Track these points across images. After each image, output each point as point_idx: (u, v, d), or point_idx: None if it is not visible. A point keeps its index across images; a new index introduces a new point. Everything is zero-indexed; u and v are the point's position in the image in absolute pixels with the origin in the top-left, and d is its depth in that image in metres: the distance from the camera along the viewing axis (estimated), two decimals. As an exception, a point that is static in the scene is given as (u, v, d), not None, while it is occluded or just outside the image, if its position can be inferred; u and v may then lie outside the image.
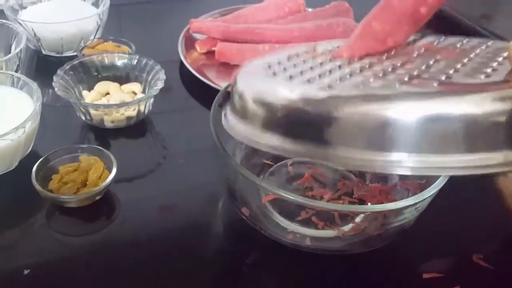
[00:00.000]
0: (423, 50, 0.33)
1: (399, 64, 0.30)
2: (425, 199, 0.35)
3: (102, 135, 0.52)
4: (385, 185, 0.44)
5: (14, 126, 0.42)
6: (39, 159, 0.44)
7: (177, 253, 0.41)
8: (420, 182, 0.41)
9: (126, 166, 0.46)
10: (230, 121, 0.34)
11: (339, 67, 0.31)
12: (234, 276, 0.40)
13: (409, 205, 0.34)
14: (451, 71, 0.29)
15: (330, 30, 0.64)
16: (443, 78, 0.28)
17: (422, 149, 0.26)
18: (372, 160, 0.27)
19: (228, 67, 0.63)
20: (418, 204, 0.35)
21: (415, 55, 0.32)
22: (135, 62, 0.56)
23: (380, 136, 0.26)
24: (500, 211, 0.45)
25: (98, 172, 0.43)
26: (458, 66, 0.30)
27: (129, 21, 0.77)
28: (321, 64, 0.32)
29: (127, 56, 0.57)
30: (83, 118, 0.52)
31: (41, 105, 0.45)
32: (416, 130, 0.26)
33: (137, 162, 0.49)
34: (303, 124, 0.28)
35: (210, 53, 0.65)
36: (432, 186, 0.35)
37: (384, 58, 0.32)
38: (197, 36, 0.68)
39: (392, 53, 0.33)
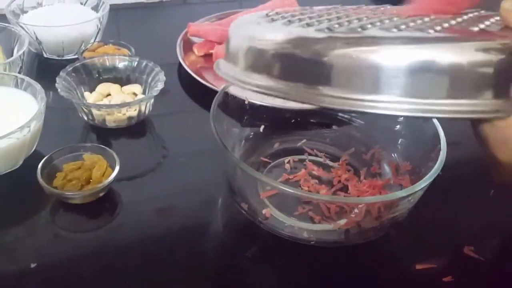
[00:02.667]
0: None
1: (396, 18, 0.32)
2: (417, 191, 0.36)
3: (103, 135, 0.53)
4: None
5: (19, 125, 0.43)
6: (42, 158, 0.45)
7: (178, 247, 0.42)
8: (412, 177, 0.43)
9: (128, 165, 0.47)
10: (221, 66, 0.34)
11: (337, 18, 0.32)
12: (234, 269, 0.41)
13: (402, 196, 0.36)
14: (445, 24, 0.30)
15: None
16: (437, 28, 0.29)
17: (410, 93, 0.27)
18: (362, 99, 0.28)
19: (226, 69, 0.65)
20: (410, 196, 0.36)
21: (410, 17, 0.33)
22: (135, 64, 0.57)
23: (371, 78, 0.27)
24: (491, 204, 0.47)
25: (102, 169, 0.45)
26: (452, 22, 0.31)
27: (128, 25, 0.78)
28: (318, 16, 0.33)
29: (127, 58, 0.58)
30: (85, 118, 0.53)
31: (45, 105, 0.47)
32: (405, 73, 0.27)
33: (138, 161, 0.51)
34: (295, 65, 0.29)
35: (207, 56, 0.67)
36: (423, 179, 0.37)
37: (375, 14, 0.33)
38: (194, 39, 0.70)
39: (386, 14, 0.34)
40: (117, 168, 0.45)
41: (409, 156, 0.45)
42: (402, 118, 0.47)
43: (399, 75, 0.27)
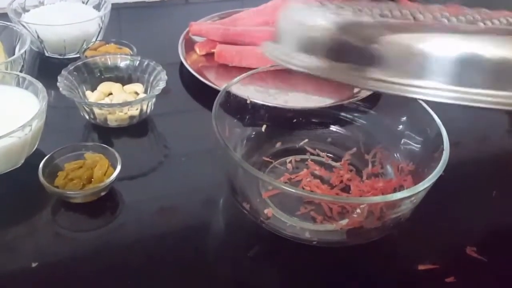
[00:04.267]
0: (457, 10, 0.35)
1: (440, 12, 0.32)
2: (419, 191, 0.36)
3: (105, 134, 0.53)
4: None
5: (20, 124, 0.43)
6: (44, 157, 0.45)
7: (180, 247, 0.42)
8: (415, 178, 0.42)
9: (129, 164, 0.47)
10: (269, 47, 0.36)
11: (388, 8, 0.33)
12: (236, 269, 0.41)
13: (405, 197, 0.36)
14: (495, 21, 0.31)
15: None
16: (487, 22, 0.30)
17: (456, 81, 0.28)
18: (408, 84, 0.28)
19: (227, 69, 0.65)
20: (413, 196, 0.36)
21: (450, 11, 0.34)
22: (137, 63, 0.57)
23: (418, 64, 0.28)
24: (494, 205, 0.47)
25: (103, 168, 0.44)
26: (502, 20, 0.32)
27: (129, 24, 0.78)
28: (370, 6, 0.34)
29: (129, 57, 0.58)
30: (87, 117, 0.53)
31: (46, 104, 0.47)
32: (453, 62, 0.28)
33: (140, 160, 0.51)
34: (344, 47, 0.30)
35: (209, 55, 0.67)
36: (426, 180, 0.36)
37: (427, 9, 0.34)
38: (196, 38, 0.70)
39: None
40: (118, 167, 0.44)
41: (412, 156, 0.45)
42: (405, 118, 0.47)
43: (446, 63, 0.28)
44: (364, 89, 0.29)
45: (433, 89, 0.28)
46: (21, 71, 0.56)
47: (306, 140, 0.51)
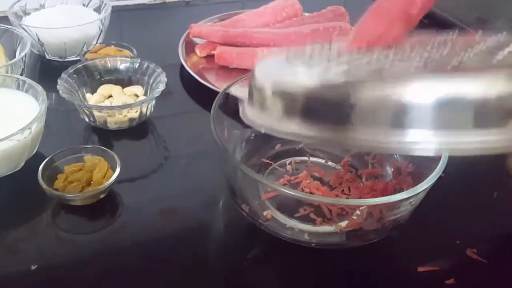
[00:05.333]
0: (426, 42, 0.34)
1: (408, 54, 0.32)
2: (418, 193, 0.36)
3: (105, 137, 0.53)
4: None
5: (20, 127, 0.43)
6: (44, 160, 0.45)
7: (179, 249, 0.42)
8: (414, 179, 0.42)
9: (129, 167, 0.47)
10: (248, 112, 0.35)
11: (355, 58, 0.32)
12: (235, 271, 0.41)
13: (404, 198, 0.36)
14: (463, 57, 0.30)
15: (326, 33, 0.66)
16: (455, 62, 0.29)
17: (439, 128, 0.27)
18: (391, 141, 0.28)
19: (228, 71, 0.65)
20: (412, 198, 0.36)
21: (419, 47, 0.33)
22: (137, 65, 0.57)
23: (398, 117, 0.27)
24: (494, 206, 0.47)
25: (103, 171, 0.45)
26: (468, 52, 0.31)
27: (130, 26, 0.78)
28: (338, 55, 0.34)
29: (129, 60, 0.58)
30: (87, 120, 0.53)
31: (46, 107, 0.47)
32: (432, 110, 0.27)
33: (140, 163, 0.51)
34: (322, 109, 0.29)
35: (209, 57, 0.67)
36: (425, 181, 0.36)
37: (391, 52, 0.33)
38: (196, 40, 0.70)
39: (394, 49, 0.34)
40: (118, 170, 0.45)
41: (411, 157, 0.45)
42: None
43: (426, 110, 0.27)
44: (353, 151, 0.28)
45: (418, 142, 0.27)
46: (21, 74, 0.56)
47: (306, 141, 0.51)
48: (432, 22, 0.34)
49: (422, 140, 0.27)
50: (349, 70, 0.30)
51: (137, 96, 0.56)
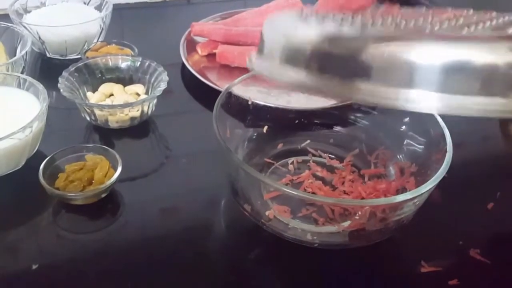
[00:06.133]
0: (438, 13, 0.34)
1: (421, 22, 0.32)
2: (422, 193, 0.36)
3: (106, 136, 0.53)
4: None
5: (21, 126, 0.43)
6: (45, 158, 0.45)
7: (181, 249, 0.41)
8: (418, 179, 0.42)
9: (130, 166, 0.47)
10: (254, 59, 0.35)
11: (369, 20, 0.32)
12: (237, 271, 0.41)
13: (408, 199, 0.35)
14: (479, 26, 0.30)
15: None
16: (471, 28, 0.29)
17: (443, 90, 0.27)
18: (396, 95, 0.28)
19: (229, 69, 0.65)
20: (416, 198, 0.36)
21: (431, 17, 0.33)
22: (138, 64, 0.57)
23: (407, 75, 0.28)
24: (497, 206, 0.46)
25: (104, 170, 0.44)
26: (480, 25, 0.31)
27: (131, 24, 0.78)
28: (352, 17, 0.34)
29: (130, 58, 0.58)
30: (88, 118, 0.53)
31: (47, 105, 0.46)
32: (439, 71, 0.27)
33: (141, 162, 0.50)
34: (328, 61, 0.29)
35: (211, 56, 0.67)
36: (429, 181, 0.36)
37: (405, 19, 0.33)
38: (198, 39, 0.69)
39: (408, 16, 0.34)
40: (119, 169, 0.44)
41: (415, 158, 0.45)
42: (408, 119, 0.46)
43: (432, 72, 0.27)
44: (353, 101, 0.28)
45: (422, 99, 0.28)
46: (22, 73, 0.56)
47: (308, 141, 0.51)
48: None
49: (427, 98, 0.28)
50: (363, 27, 0.30)
51: (138, 95, 0.56)
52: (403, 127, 0.47)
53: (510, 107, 0.27)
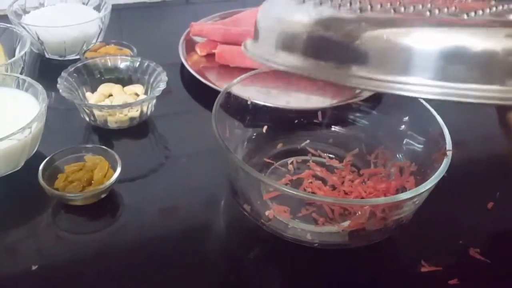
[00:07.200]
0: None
1: (419, 7, 0.31)
2: (422, 192, 0.36)
3: (105, 136, 0.53)
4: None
5: (20, 126, 0.43)
6: (44, 159, 0.45)
7: (180, 250, 0.41)
8: (417, 178, 0.42)
9: (130, 166, 0.47)
10: (249, 46, 0.35)
11: (367, 4, 0.32)
12: (237, 271, 0.41)
13: (407, 198, 0.35)
14: (479, 12, 0.30)
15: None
16: (471, 14, 0.29)
17: (441, 76, 0.27)
18: (392, 81, 0.28)
19: (228, 69, 0.65)
20: (416, 198, 0.36)
21: (433, 2, 0.33)
22: (137, 64, 0.57)
23: (402, 60, 0.27)
24: (497, 206, 0.46)
25: (103, 171, 0.44)
26: (486, 10, 0.31)
27: (130, 24, 0.78)
28: (349, 2, 0.33)
29: (129, 58, 0.58)
30: (87, 119, 0.53)
31: (46, 106, 0.46)
32: (437, 57, 0.27)
33: (140, 162, 0.50)
34: (325, 45, 0.29)
35: (210, 56, 0.67)
36: (429, 181, 0.36)
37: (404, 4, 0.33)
38: (197, 39, 0.69)
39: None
40: (118, 169, 0.44)
41: (414, 157, 0.45)
42: (407, 118, 0.46)
43: (430, 58, 0.27)
44: (348, 87, 0.28)
45: (419, 85, 0.27)
46: (21, 73, 0.56)
47: (308, 141, 0.51)
48: None
49: (425, 84, 0.27)
50: (362, 12, 0.30)
51: (137, 95, 0.56)
52: (403, 126, 0.47)
53: (508, 94, 0.27)
